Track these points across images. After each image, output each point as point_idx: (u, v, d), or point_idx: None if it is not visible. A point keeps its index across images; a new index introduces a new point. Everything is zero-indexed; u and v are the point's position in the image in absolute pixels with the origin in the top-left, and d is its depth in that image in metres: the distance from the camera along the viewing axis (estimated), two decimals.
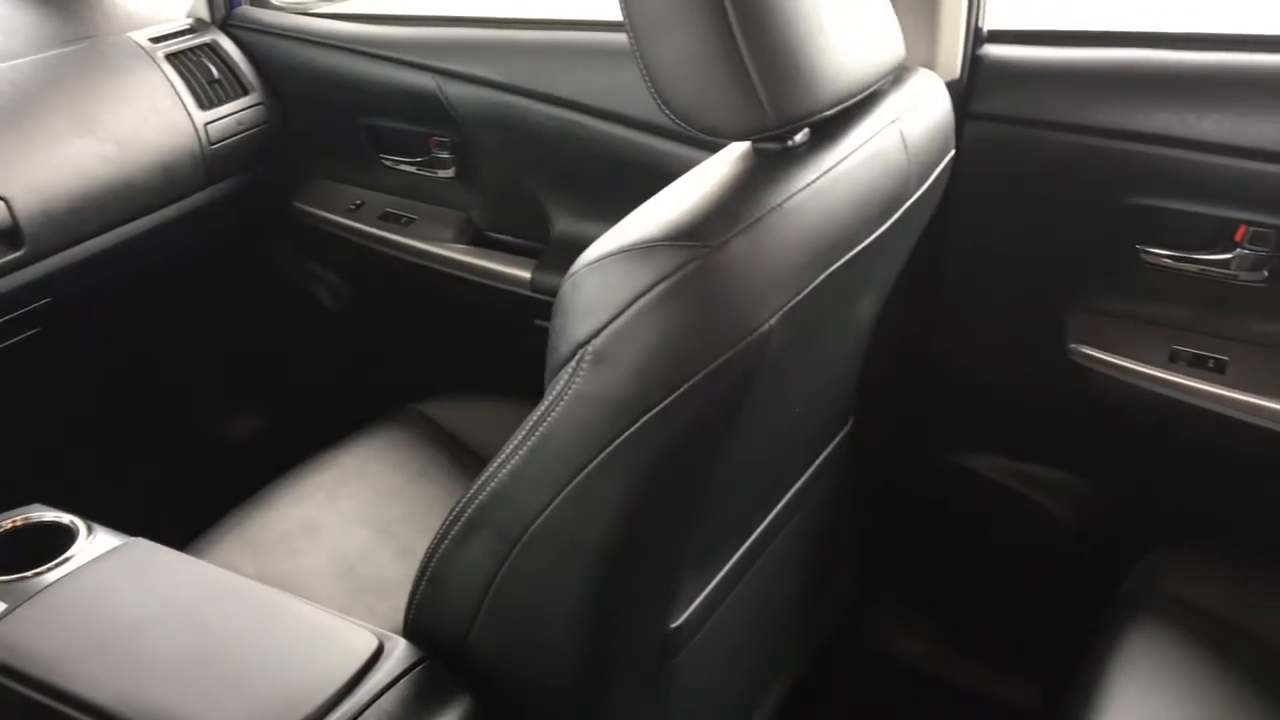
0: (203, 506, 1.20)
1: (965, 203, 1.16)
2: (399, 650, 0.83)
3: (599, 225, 0.91)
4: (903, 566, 1.45)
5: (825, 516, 1.18)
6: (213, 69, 1.55)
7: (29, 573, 0.88)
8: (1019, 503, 1.32)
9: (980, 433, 1.34)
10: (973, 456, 1.35)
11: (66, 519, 0.95)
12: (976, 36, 1.15)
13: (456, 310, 1.62)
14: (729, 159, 0.77)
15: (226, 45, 1.59)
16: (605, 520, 0.74)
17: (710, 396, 0.68)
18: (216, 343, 1.88)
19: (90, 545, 0.92)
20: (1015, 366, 1.27)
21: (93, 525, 0.95)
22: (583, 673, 0.85)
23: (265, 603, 0.88)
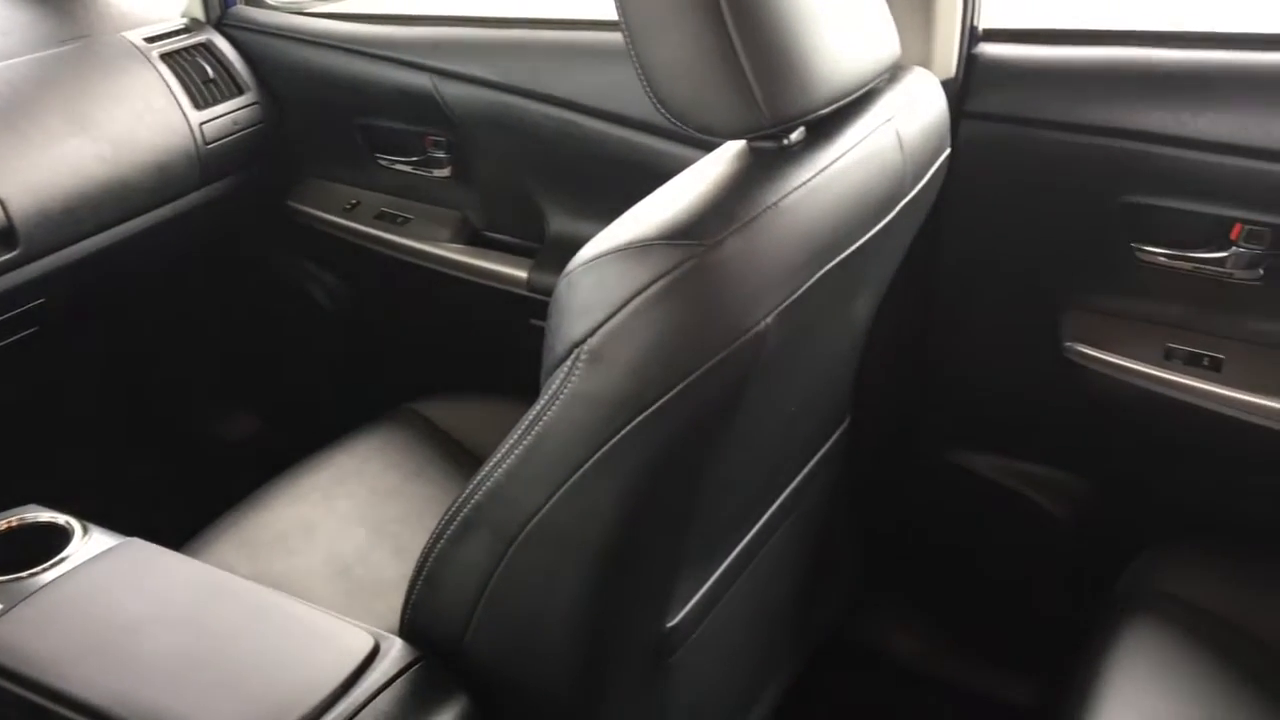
0: (198, 506, 1.20)
1: (961, 201, 1.16)
2: (395, 650, 0.83)
3: (595, 224, 0.90)
4: (899, 565, 1.45)
5: (822, 515, 1.18)
6: (208, 69, 1.55)
7: (24, 573, 0.88)
8: (1015, 501, 1.32)
9: (976, 431, 1.35)
10: (969, 455, 1.35)
11: (62, 519, 0.95)
12: (971, 35, 1.15)
13: (452, 310, 1.62)
14: (724, 158, 0.77)
15: (221, 45, 1.59)
16: (601, 519, 0.74)
17: (706, 395, 0.68)
18: (212, 342, 1.87)
19: (86, 545, 0.92)
20: (1011, 365, 1.27)
21: (88, 525, 0.94)
22: (579, 671, 0.85)
23: (261, 603, 0.88)
